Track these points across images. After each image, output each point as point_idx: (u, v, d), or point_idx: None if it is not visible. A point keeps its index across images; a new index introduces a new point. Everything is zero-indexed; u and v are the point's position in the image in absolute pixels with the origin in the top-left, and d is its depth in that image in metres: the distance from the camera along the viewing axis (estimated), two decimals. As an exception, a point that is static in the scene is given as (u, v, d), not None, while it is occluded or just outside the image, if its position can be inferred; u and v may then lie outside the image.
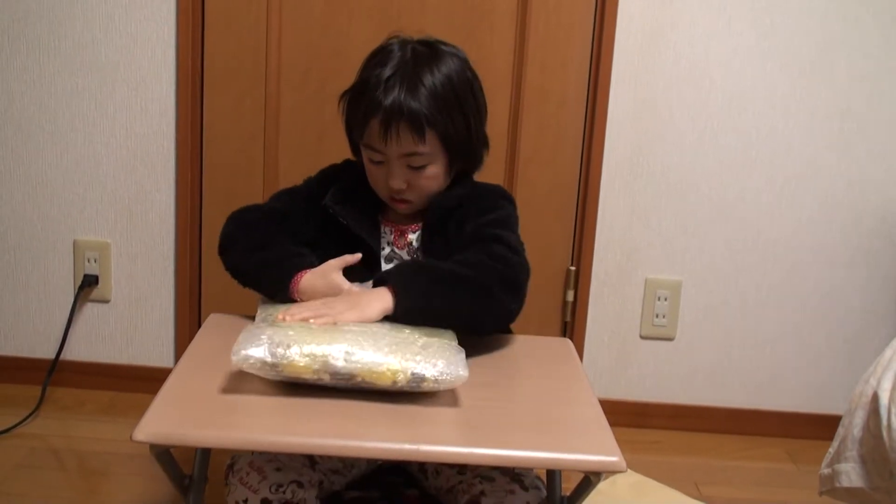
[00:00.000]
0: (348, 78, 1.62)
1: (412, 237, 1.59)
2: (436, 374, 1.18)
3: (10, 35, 2.30)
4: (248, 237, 1.54)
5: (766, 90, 2.33)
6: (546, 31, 2.29)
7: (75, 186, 2.38)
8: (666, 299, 2.44)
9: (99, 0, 2.28)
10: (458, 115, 1.51)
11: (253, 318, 1.46)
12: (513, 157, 2.35)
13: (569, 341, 1.59)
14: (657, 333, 2.47)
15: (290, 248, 1.52)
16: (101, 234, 2.41)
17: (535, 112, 2.33)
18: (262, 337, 1.20)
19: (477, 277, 1.41)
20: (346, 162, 1.69)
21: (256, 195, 2.36)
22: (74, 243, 2.41)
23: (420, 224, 1.59)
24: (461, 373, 1.19)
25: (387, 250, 1.59)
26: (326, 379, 1.19)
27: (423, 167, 1.51)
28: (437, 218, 1.56)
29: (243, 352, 1.18)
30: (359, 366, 1.18)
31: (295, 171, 2.34)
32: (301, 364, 1.18)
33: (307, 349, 1.18)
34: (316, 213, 1.59)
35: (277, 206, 1.62)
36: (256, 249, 1.52)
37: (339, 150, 2.24)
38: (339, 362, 1.18)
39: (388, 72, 1.48)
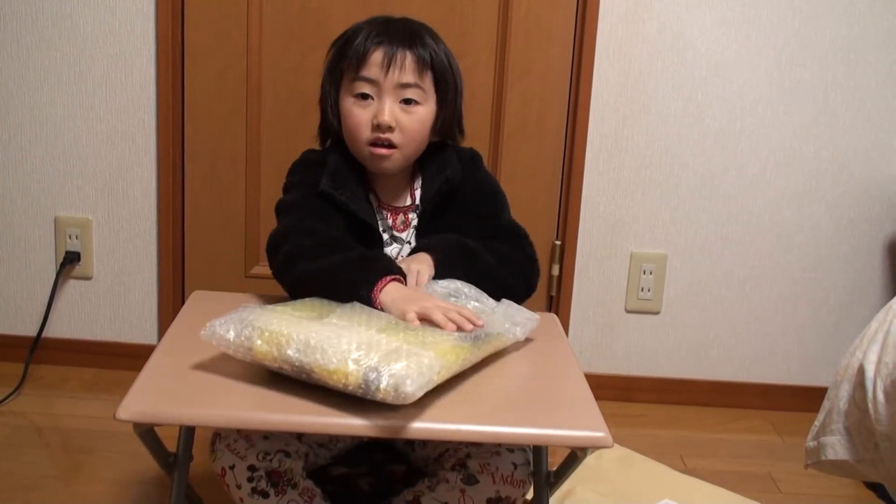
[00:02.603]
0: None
1: (412, 216, 1.61)
2: (386, 386, 1.07)
3: (-14, 8, 2.27)
4: (317, 245, 1.43)
5: (751, 61, 2.32)
6: (529, 3, 2.27)
7: (55, 162, 2.35)
8: (651, 273, 2.44)
9: (77, -28, 2.25)
10: (450, 72, 1.56)
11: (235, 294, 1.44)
12: (497, 130, 2.34)
13: (555, 316, 1.59)
14: (642, 307, 2.47)
15: (366, 249, 1.45)
16: (82, 211, 2.39)
17: (518, 85, 2.32)
18: (234, 316, 1.19)
19: (508, 278, 1.52)
20: (310, 151, 1.65)
21: (239, 169, 2.35)
22: (55, 220, 2.38)
23: (413, 205, 1.61)
24: (408, 390, 1.06)
25: (385, 235, 1.59)
26: (287, 369, 1.15)
27: (415, 104, 1.52)
28: (433, 201, 1.58)
29: (212, 328, 1.18)
30: (310, 360, 1.12)
31: (278, 145, 2.33)
32: (262, 350, 1.15)
33: (268, 335, 1.15)
34: (328, 206, 1.53)
35: (312, 209, 1.51)
36: (327, 254, 1.41)
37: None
38: (293, 353, 1.13)
39: (382, 25, 1.52)
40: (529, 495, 1.47)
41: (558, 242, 2.41)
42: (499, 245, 1.55)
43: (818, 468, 1.62)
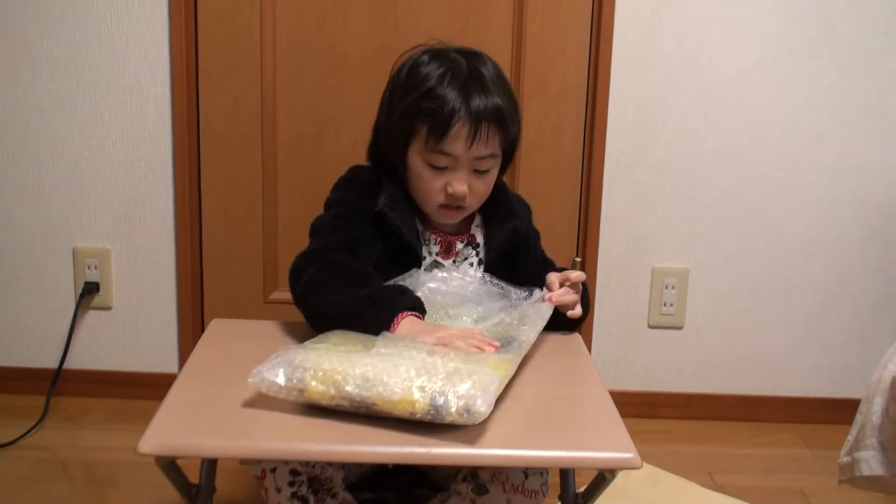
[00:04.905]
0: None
1: (460, 246, 1.59)
2: (457, 409, 1.08)
3: (2, 41, 2.27)
4: (334, 278, 1.40)
5: (769, 71, 2.30)
6: (544, 18, 2.26)
7: (73, 193, 2.35)
8: (673, 287, 2.41)
9: (90, 2, 2.25)
10: (518, 125, 1.53)
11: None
12: (514, 147, 2.32)
13: (577, 335, 1.57)
14: (665, 322, 2.44)
15: (389, 285, 1.41)
16: (100, 241, 2.38)
17: (535, 100, 2.30)
18: (278, 359, 1.16)
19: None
20: (359, 168, 1.62)
21: (255, 194, 2.34)
22: (74, 250, 2.38)
23: (466, 235, 1.59)
24: (480, 409, 1.07)
25: (428, 259, 1.56)
26: (346, 405, 1.13)
27: (486, 171, 1.50)
28: (502, 249, 1.58)
29: (260, 374, 1.15)
30: (371, 394, 1.11)
31: (294, 169, 2.32)
32: (318, 390, 1.13)
33: (322, 374, 1.13)
34: (372, 227, 1.51)
35: (344, 235, 1.48)
36: (343, 290, 1.37)
37: (337, 146, 2.23)
38: (352, 389, 1.12)
39: (463, 83, 1.45)
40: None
41: (578, 259, 2.38)
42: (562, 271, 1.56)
43: (852, 484, 1.59)
